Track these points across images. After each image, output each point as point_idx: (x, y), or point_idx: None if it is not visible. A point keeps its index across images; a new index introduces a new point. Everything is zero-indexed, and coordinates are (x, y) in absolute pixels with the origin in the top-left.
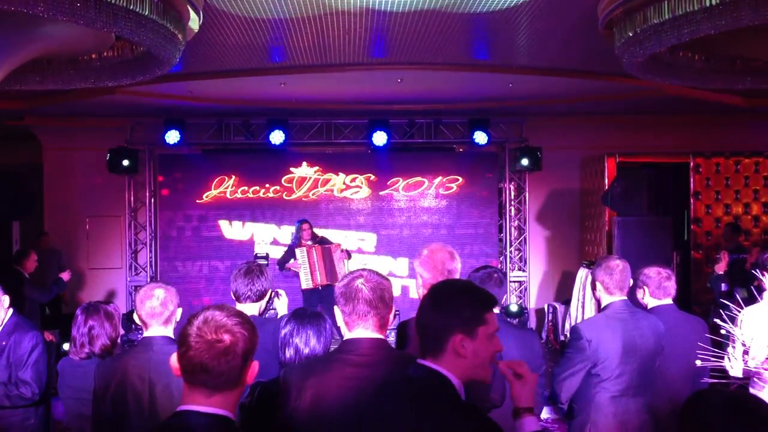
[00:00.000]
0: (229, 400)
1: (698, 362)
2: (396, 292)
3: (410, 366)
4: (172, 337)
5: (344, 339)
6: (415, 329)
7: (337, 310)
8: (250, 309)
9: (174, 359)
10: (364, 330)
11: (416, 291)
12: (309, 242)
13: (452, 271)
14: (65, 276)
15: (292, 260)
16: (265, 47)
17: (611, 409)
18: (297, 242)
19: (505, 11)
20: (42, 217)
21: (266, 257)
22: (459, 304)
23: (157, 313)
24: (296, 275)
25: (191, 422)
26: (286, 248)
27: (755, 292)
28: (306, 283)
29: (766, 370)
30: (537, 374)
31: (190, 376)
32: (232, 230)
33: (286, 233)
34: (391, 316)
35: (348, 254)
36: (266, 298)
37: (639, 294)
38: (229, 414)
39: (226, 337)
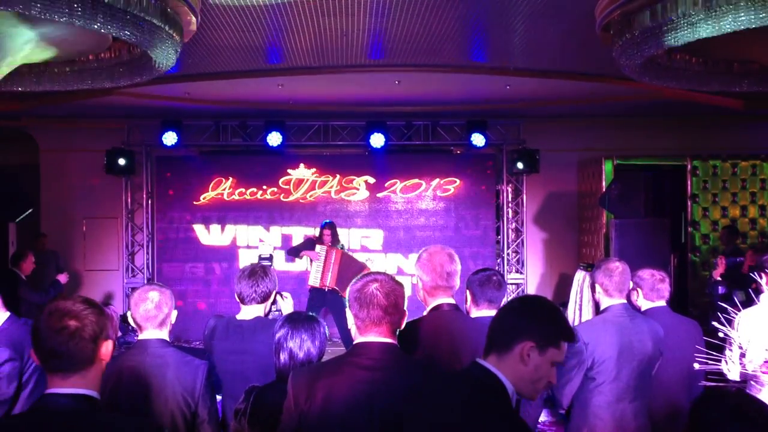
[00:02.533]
0: (87, 378)
1: (696, 365)
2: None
3: (470, 364)
4: (168, 339)
5: (355, 342)
6: (490, 326)
7: (349, 314)
8: (255, 310)
9: (33, 353)
10: (376, 335)
11: (416, 293)
12: (330, 245)
13: (451, 273)
14: (62, 278)
15: (311, 252)
16: (262, 49)
17: (608, 414)
18: (320, 241)
19: (502, 12)
20: (38, 218)
21: (270, 258)
22: (545, 317)
23: (152, 315)
24: (301, 275)
25: (53, 403)
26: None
27: (753, 295)
28: (314, 280)
29: (764, 373)
30: None
31: (45, 363)
32: (210, 237)
33: (275, 234)
34: (404, 322)
35: None
36: (271, 299)
37: (633, 296)
38: (89, 392)
39: (72, 323)
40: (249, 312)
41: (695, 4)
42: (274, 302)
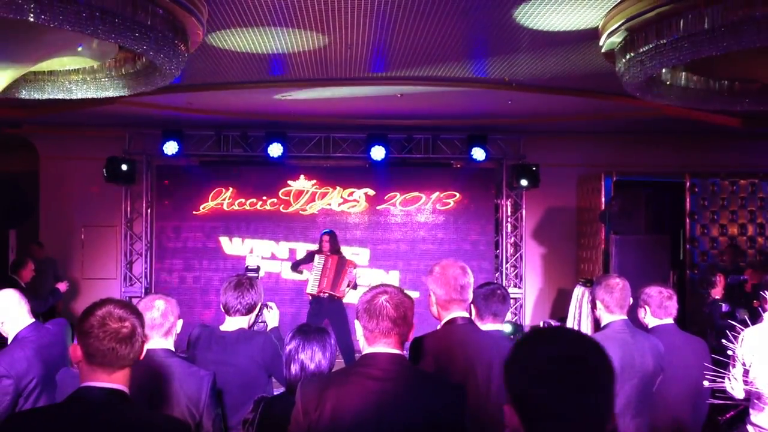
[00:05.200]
0: (126, 376)
1: (706, 383)
2: None
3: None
4: (173, 349)
5: (364, 353)
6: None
7: (357, 325)
8: (240, 322)
9: (74, 349)
10: (385, 346)
11: (430, 308)
12: (329, 253)
13: (465, 286)
14: (62, 287)
15: (308, 265)
16: (265, 60)
17: None
18: (319, 251)
19: (505, 28)
20: (38, 225)
21: (257, 270)
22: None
23: (158, 324)
24: (298, 284)
25: (92, 395)
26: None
27: (761, 311)
28: (312, 287)
29: None
30: None
31: (99, 359)
32: (232, 246)
33: (284, 249)
34: (411, 334)
35: (355, 284)
36: (256, 311)
37: (640, 313)
38: (125, 388)
39: (128, 324)
40: (233, 323)
41: (699, 22)
42: (260, 314)
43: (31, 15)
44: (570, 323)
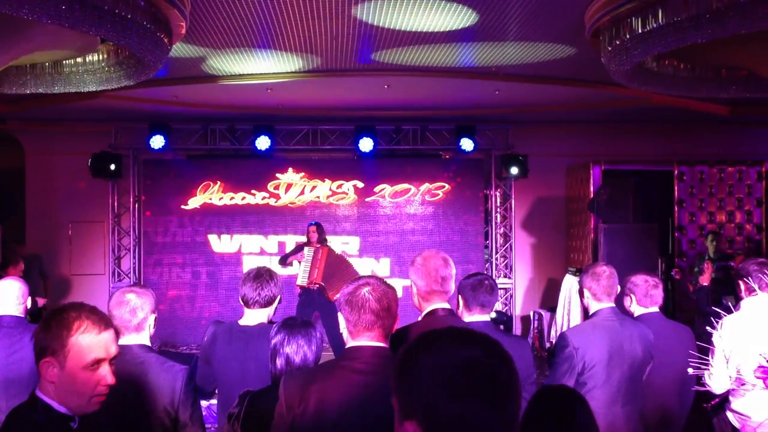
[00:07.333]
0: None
1: (690, 370)
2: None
3: None
4: (149, 344)
5: (348, 346)
6: None
7: (341, 317)
8: (259, 315)
9: None
10: (368, 339)
11: (411, 298)
12: (317, 244)
13: (446, 278)
14: (40, 302)
15: (298, 255)
16: (251, 51)
17: (600, 419)
18: (307, 242)
19: (494, 17)
20: (24, 222)
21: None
22: None
23: (126, 320)
24: (288, 279)
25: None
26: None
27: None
28: (302, 279)
29: (758, 378)
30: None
31: None
32: (221, 243)
33: (273, 243)
34: (396, 326)
35: None
36: (275, 304)
37: (626, 302)
38: (40, 394)
39: None
40: (253, 317)
41: (684, 10)
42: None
43: (9, 7)
44: (560, 312)
